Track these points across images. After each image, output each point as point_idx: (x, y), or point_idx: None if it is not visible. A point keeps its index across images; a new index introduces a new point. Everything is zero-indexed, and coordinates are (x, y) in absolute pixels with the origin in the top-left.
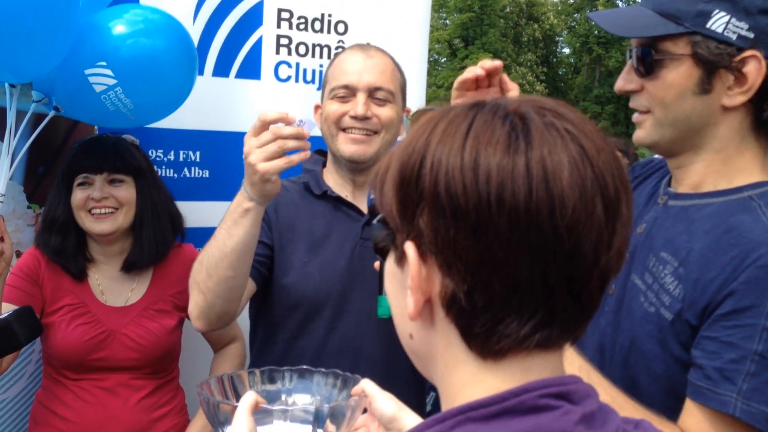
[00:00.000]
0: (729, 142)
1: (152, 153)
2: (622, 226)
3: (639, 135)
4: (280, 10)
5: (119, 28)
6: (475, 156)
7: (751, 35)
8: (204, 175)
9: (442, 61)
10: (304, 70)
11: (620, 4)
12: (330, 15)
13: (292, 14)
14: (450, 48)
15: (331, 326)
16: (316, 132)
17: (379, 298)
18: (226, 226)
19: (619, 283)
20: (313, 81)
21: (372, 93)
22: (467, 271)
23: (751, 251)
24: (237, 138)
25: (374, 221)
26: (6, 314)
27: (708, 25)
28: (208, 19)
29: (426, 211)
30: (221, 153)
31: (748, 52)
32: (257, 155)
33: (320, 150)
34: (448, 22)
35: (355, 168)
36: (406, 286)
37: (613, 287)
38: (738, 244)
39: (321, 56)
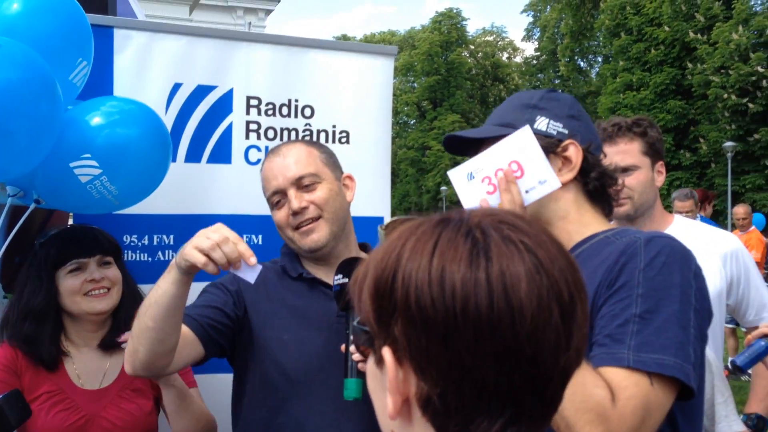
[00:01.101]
0: (569, 210)
1: (126, 238)
2: (578, 327)
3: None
4: (249, 98)
5: (98, 120)
6: (441, 272)
7: (566, 131)
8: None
9: (411, 123)
10: None
11: (582, 64)
12: (297, 100)
13: (260, 101)
14: (419, 110)
15: (311, 403)
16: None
17: (346, 381)
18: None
19: None
20: None
21: (298, 184)
22: (439, 376)
23: (620, 252)
24: (209, 221)
25: (354, 322)
26: None
27: (534, 126)
28: (180, 108)
29: (399, 321)
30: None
31: (567, 141)
32: (199, 242)
33: None
34: (415, 85)
35: (319, 256)
36: (385, 386)
37: None
38: (609, 257)
39: (289, 139)
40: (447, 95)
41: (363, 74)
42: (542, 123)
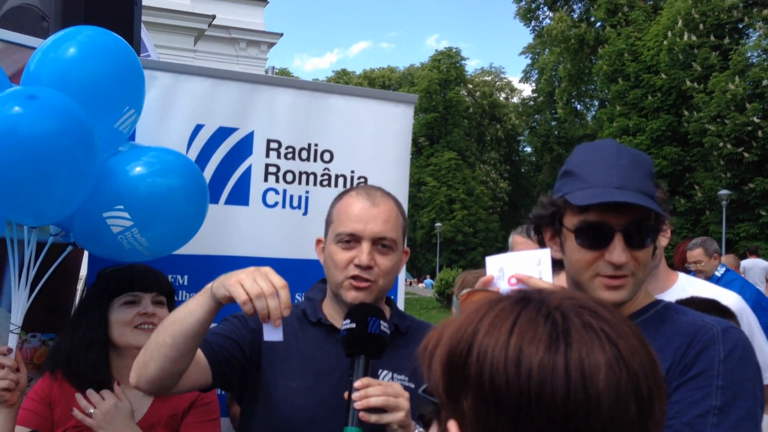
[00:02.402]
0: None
1: None
2: (655, 425)
3: (622, 295)
4: (269, 141)
5: (134, 171)
6: (518, 352)
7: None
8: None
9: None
10: (291, 197)
11: (578, 107)
12: (316, 145)
13: (280, 144)
14: (416, 146)
15: None
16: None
17: (346, 429)
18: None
19: None
20: (299, 206)
21: (376, 242)
22: None
23: (692, 336)
24: (224, 261)
25: (420, 391)
26: None
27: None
28: (201, 149)
29: (470, 396)
30: (209, 276)
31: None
32: (248, 281)
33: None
34: (414, 121)
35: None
36: None
37: None
38: (677, 338)
39: (307, 183)
40: (444, 132)
41: (383, 121)
42: (657, 196)
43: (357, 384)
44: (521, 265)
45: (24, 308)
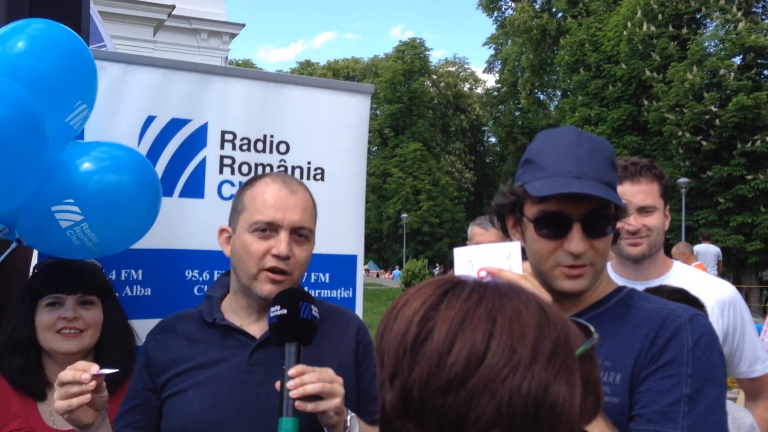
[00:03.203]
0: (605, 269)
1: None
2: None
3: (582, 284)
4: (223, 132)
5: (85, 165)
6: None
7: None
8: (146, 293)
9: (373, 149)
10: None
11: (541, 97)
12: (272, 136)
13: (235, 136)
14: (381, 137)
15: None
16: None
17: (280, 420)
18: None
19: None
20: None
21: (293, 231)
22: None
23: (660, 325)
24: (180, 255)
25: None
26: None
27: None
28: (153, 141)
29: None
30: (164, 270)
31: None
32: (59, 406)
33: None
34: (378, 112)
35: (264, 305)
36: None
37: None
38: (644, 326)
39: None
40: (409, 123)
41: (339, 111)
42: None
43: (291, 372)
44: (491, 258)
45: None
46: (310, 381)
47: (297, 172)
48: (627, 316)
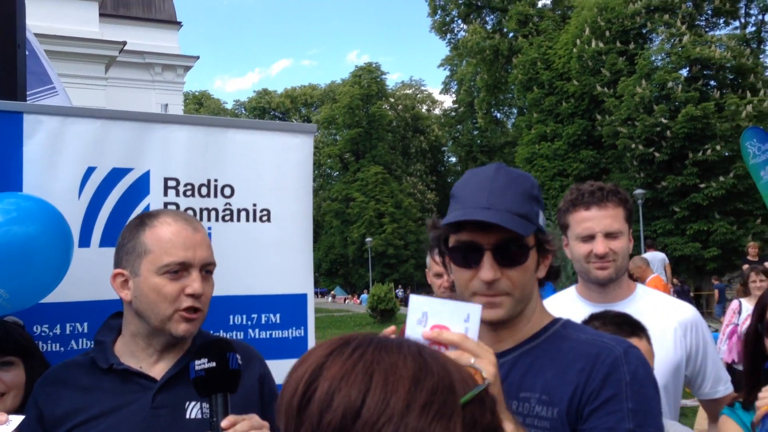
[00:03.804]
0: (537, 302)
1: (37, 328)
2: None
3: (498, 313)
4: (166, 179)
5: None
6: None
7: (543, 224)
8: (92, 346)
9: (335, 174)
10: None
11: (498, 115)
12: (216, 180)
13: (178, 182)
14: (341, 162)
15: None
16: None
17: None
18: None
19: None
20: None
21: (203, 268)
22: None
23: (594, 358)
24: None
25: None
26: None
27: (539, 221)
28: (94, 192)
29: None
30: None
31: (550, 237)
32: None
33: (118, 313)
34: (338, 137)
35: (175, 343)
36: None
37: None
38: (578, 359)
39: (209, 219)
40: (369, 147)
41: (282, 152)
42: (541, 218)
43: (224, 424)
44: (447, 317)
45: None
46: (243, 430)
47: (243, 214)
48: (562, 349)
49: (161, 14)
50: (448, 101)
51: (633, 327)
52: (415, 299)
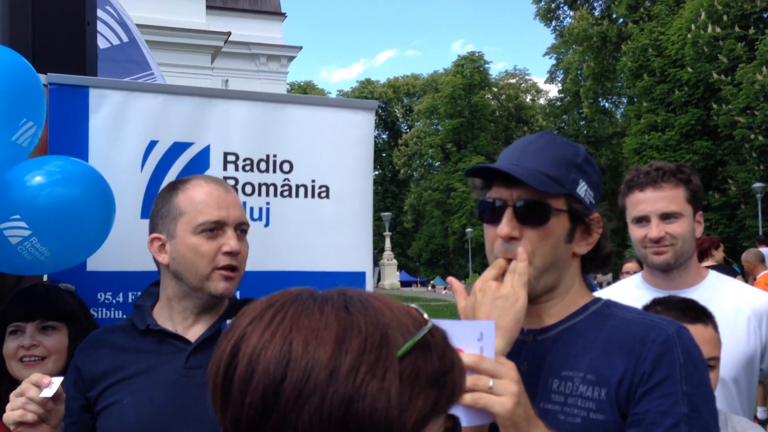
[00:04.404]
0: (575, 280)
1: (100, 296)
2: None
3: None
4: (226, 154)
5: (33, 181)
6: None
7: (594, 202)
8: None
9: (436, 165)
10: (251, 209)
11: (606, 105)
12: (275, 155)
13: (237, 157)
14: (443, 152)
15: None
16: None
17: None
18: None
19: None
20: (260, 218)
21: (238, 227)
22: None
23: (643, 338)
24: None
25: None
26: None
27: (577, 190)
28: (156, 165)
29: None
30: None
31: (596, 214)
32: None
33: (157, 281)
34: (440, 127)
35: (215, 303)
36: None
37: None
38: (626, 339)
39: (267, 194)
40: (471, 137)
41: (342, 129)
42: (582, 188)
43: None
44: (458, 338)
45: None
46: None
47: (301, 190)
48: (606, 327)
49: (266, 5)
50: (553, 91)
51: (698, 313)
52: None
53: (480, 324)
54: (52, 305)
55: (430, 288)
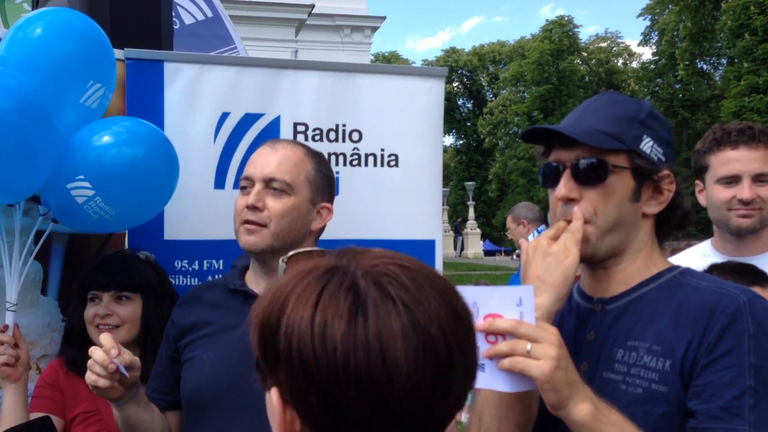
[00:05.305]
0: (646, 243)
1: (177, 264)
2: (458, 379)
3: (582, 247)
4: (296, 124)
5: (96, 141)
6: (323, 328)
7: (664, 159)
8: None
9: (522, 133)
10: None
11: (704, 67)
12: (344, 125)
13: (307, 127)
14: (529, 120)
15: (223, 422)
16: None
17: None
18: None
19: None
20: None
21: (268, 183)
22: (321, 424)
23: (713, 307)
24: None
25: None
26: (23, 423)
27: (641, 146)
28: (228, 136)
29: (282, 369)
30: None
31: (665, 171)
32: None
33: None
34: (526, 95)
35: (258, 259)
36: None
37: None
38: (696, 308)
39: (337, 164)
40: (558, 104)
41: (412, 96)
42: (647, 144)
43: None
44: (498, 304)
45: (17, 287)
46: None
47: (371, 159)
48: (678, 297)
49: None
50: (647, 54)
51: (756, 276)
52: (462, 291)
53: (519, 289)
54: (127, 276)
55: (514, 257)
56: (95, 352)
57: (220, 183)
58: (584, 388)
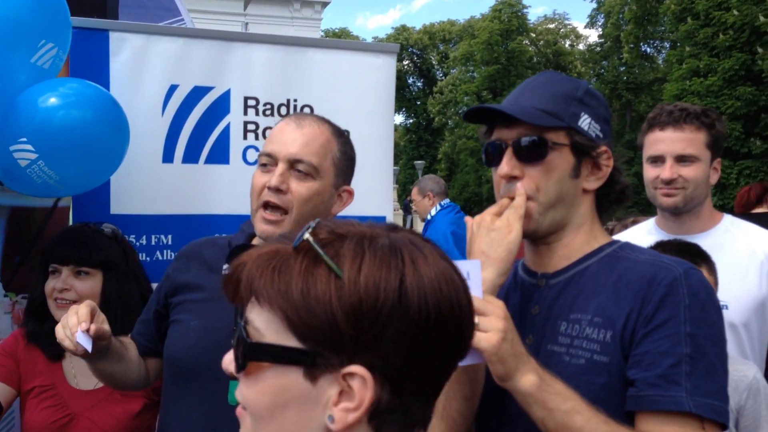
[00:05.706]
0: (587, 218)
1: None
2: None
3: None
4: (246, 98)
5: (41, 103)
6: (439, 283)
7: (602, 135)
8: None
9: (465, 113)
10: None
11: (647, 50)
12: (296, 100)
13: (258, 101)
14: (479, 99)
15: (198, 398)
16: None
17: (231, 383)
18: None
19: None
20: None
21: (293, 165)
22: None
23: (650, 279)
24: (208, 220)
25: (246, 340)
26: None
27: (579, 123)
28: (177, 109)
29: (390, 334)
30: (192, 235)
31: (603, 147)
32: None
33: None
34: (475, 74)
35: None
36: (314, 400)
37: None
38: (635, 281)
39: None
40: (507, 84)
41: (363, 73)
42: (585, 121)
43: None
44: None
45: None
46: None
47: None
48: (618, 270)
49: None
50: (593, 36)
51: (693, 255)
52: None
53: (466, 263)
54: (87, 251)
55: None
56: (59, 331)
57: (168, 157)
58: (530, 360)
